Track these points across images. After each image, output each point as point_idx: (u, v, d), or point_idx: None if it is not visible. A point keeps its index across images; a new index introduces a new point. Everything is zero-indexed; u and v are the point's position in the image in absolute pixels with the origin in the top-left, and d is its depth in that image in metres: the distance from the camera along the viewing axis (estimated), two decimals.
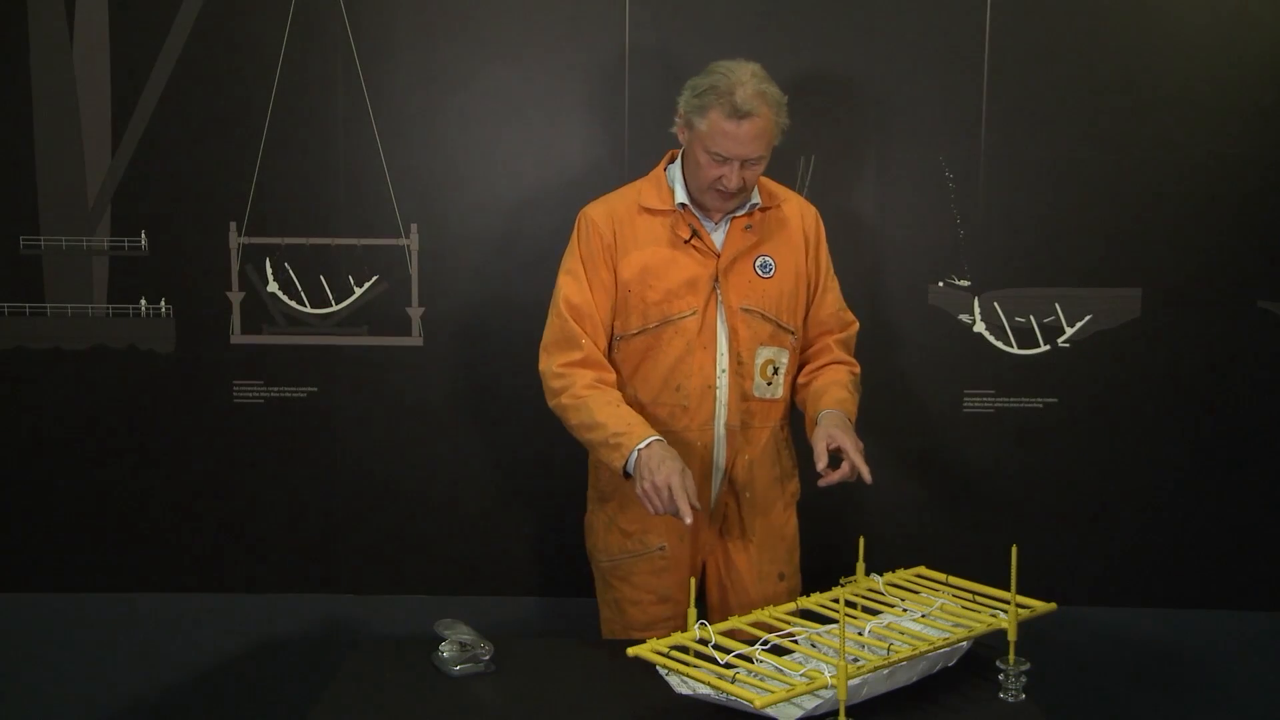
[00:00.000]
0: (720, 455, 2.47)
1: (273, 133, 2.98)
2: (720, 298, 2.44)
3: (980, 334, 3.04)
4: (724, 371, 2.45)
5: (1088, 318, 3.02)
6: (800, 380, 2.57)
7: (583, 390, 2.37)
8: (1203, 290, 3.01)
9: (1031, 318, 3.03)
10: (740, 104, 2.27)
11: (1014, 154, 2.98)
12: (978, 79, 2.96)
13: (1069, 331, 3.03)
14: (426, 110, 2.98)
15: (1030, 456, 3.06)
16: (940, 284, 3.03)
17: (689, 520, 2.17)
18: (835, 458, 2.32)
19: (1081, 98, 2.96)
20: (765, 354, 2.47)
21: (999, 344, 3.04)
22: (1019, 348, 3.04)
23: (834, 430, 2.34)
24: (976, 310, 3.03)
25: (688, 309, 2.42)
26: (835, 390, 2.47)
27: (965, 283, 3.02)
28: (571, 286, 2.44)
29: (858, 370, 2.58)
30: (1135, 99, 2.96)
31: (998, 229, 3.00)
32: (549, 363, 2.43)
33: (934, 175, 2.99)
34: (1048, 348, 3.04)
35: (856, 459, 2.29)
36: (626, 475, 2.30)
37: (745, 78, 2.30)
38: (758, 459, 2.51)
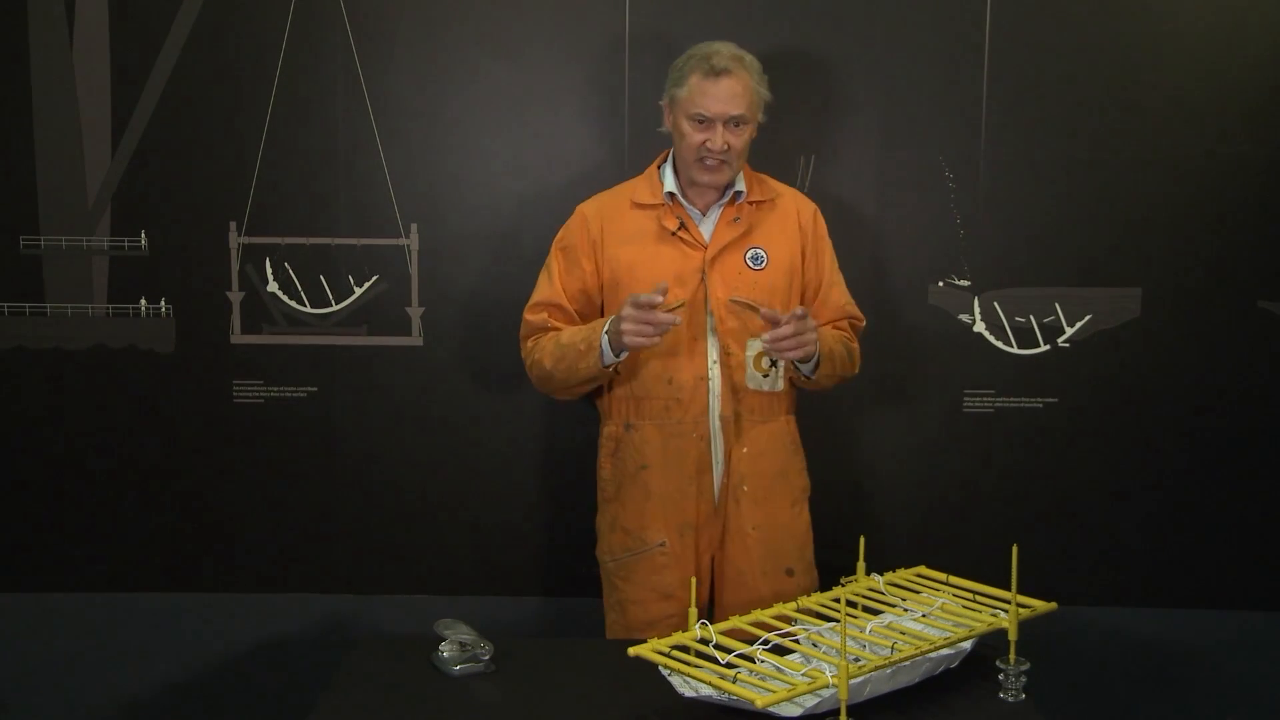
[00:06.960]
0: (717, 447, 2.49)
1: (273, 133, 2.98)
2: (707, 289, 2.45)
3: (980, 334, 3.04)
4: (715, 363, 2.48)
5: (1088, 318, 3.02)
6: None
7: (545, 339, 2.54)
8: (1203, 290, 3.01)
9: (1031, 317, 3.03)
10: (716, 64, 2.42)
11: (1014, 154, 2.98)
12: (978, 79, 2.96)
13: (1069, 331, 3.03)
14: (426, 110, 2.98)
15: (1030, 456, 3.06)
16: (940, 284, 3.03)
17: (680, 316, 2.34)
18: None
19: (1081, 98, 2.96)
20: (758, 346, 2.47)
21: (999, 344, 3.04)
22: (1019, 348, 3.04)
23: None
24: (976, 310, 3.03)
25: (675, 301, 2.44)
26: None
27: (965, 283, 3.02)
28: (543, 282, 2.59)
29: (855, 345, 2.61)
30: (1135, 99, 2.96)
31: (998, 229, 3.00)
32: (525, 328, 2.60)
33: (934, 175, 2.99)
34: (1048, 348, 3.04)
35: (771, 314, 2.36)
36: (614, 369, 2.45)
37: (720, 46, 2.46)
38: (759, 453, 2.51)
